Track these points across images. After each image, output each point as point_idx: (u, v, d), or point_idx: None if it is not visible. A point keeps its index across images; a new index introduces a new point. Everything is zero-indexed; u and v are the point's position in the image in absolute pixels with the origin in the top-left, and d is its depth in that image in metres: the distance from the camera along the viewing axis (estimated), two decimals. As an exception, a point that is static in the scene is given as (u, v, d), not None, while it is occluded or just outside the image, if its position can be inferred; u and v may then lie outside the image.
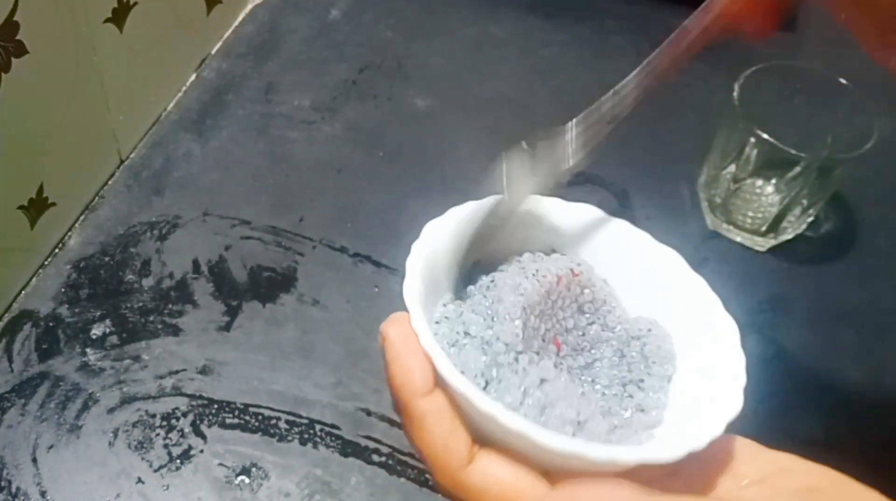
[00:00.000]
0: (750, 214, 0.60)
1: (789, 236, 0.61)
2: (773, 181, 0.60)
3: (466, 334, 0.31)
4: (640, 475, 0.26)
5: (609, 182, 0.65)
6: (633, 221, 0.63)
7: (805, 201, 0.58)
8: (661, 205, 0.64)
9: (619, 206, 0.63)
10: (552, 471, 0.27)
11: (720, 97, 0.57)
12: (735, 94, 0.55)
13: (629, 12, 0.79)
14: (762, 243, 0.61)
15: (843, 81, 0.57)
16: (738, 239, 0.61)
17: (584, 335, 0.33)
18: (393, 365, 0.28)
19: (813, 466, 0.29)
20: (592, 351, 0.33)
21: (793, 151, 0.53)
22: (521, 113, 0.70)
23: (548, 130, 0.34)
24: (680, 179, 0.65)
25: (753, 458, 0.29)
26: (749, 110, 0.55)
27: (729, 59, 0.66)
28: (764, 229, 0.60)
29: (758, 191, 0.60)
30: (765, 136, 0.54)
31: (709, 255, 0.61)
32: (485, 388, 0.29)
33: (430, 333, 0.28)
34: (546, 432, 0.26)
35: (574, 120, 0.35)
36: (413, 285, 0.30)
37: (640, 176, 0.66)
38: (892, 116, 0.59)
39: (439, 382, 0.28)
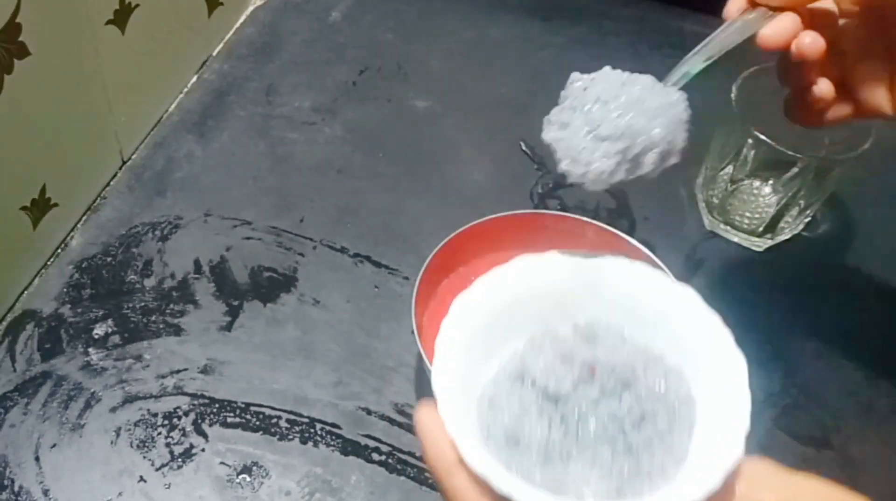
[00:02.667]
0: (747, 214, 0.61)
1: (786, 237, 0.61)
2: (771, 182, 0.60)
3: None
4: None
5: (607, 183, 0.65)
6: (632, 222, 0.64)
7: (802, 202, 0.58)
8: (658, 206, 0.64)
9: (618, 207, 0.64)
10: None
11: (718, 99, 0.58)
12: (733, 95, 0.56)
13: (626, 15, 0.79)
14: (759, 244, 0.61)
15: None
16: (736, 239, 0.62)
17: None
18: (424, 446, 0.32)
19: (829, 488, 0.30)
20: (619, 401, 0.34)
21: (790, 152, 0.54)
22: (519, 114, 0.70)
23: None
24: (678, 180, 0.65)
25: (771, 482, 0.30)
26: (747, 111, 0.55)
27: (727, 61, 0.66)
28: (761, 229, 0.60)
29: (755, 192, 0.60)
30: (762, 137, 0.54)
31: (706, 256, 0.61)
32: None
33: (455, 417, 0.31)
34: None
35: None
36: (442, 372, 0.33)
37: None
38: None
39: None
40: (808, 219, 0.60)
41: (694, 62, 0.40)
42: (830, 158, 0.56)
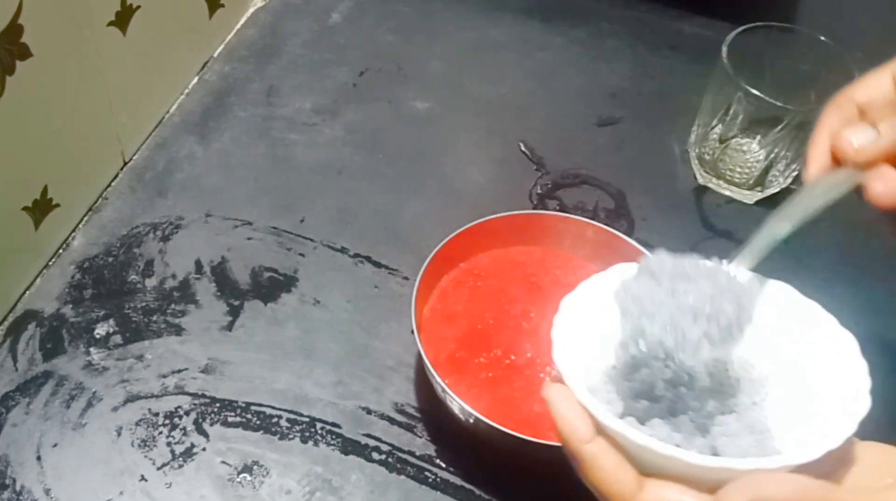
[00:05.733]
0: (738, 169, 0.63)
1: (775, 190, 0.63)
2: (758, 139, 0.62)
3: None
4: None
5: (605, 183, 0.65)
6: (630, 222, 0.64)
7: (789, 156, 0.60)
8: (656, 206, 0.64)
9: (616, 207, 0.64)
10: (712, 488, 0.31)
11: (709, 58, 0.60)
12: (724, 53, 0.58)
13: (624, 16, 0.79)
14: (750, 197, 0.64)
15: (823, 38, 0.60)
16: (728, 193, 0.64)
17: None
18: (557, 421, 0.33)
19: None
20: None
21: (779, 104, 0.56)
22: (519, 115, 0.71)
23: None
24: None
25: (890, 459, 0.32)
26: (736, 68, 0.58)
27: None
28: (751, 182, 0.63)
29: (744, 149, 0.62)
30: (752, 90, 0.56)
31: (705, 255, 0.61)
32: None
33: (584, 388, 0.33)
34: (698, 454, 0.30)
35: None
36: (562, 350, 0.35)
37: (635, 177, 0.66)
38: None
39: (599, 429, 0.32)
40: (796, 173, 0.62)
41: (777, 229, 0.39)
42: (817, 108, 0.57)
